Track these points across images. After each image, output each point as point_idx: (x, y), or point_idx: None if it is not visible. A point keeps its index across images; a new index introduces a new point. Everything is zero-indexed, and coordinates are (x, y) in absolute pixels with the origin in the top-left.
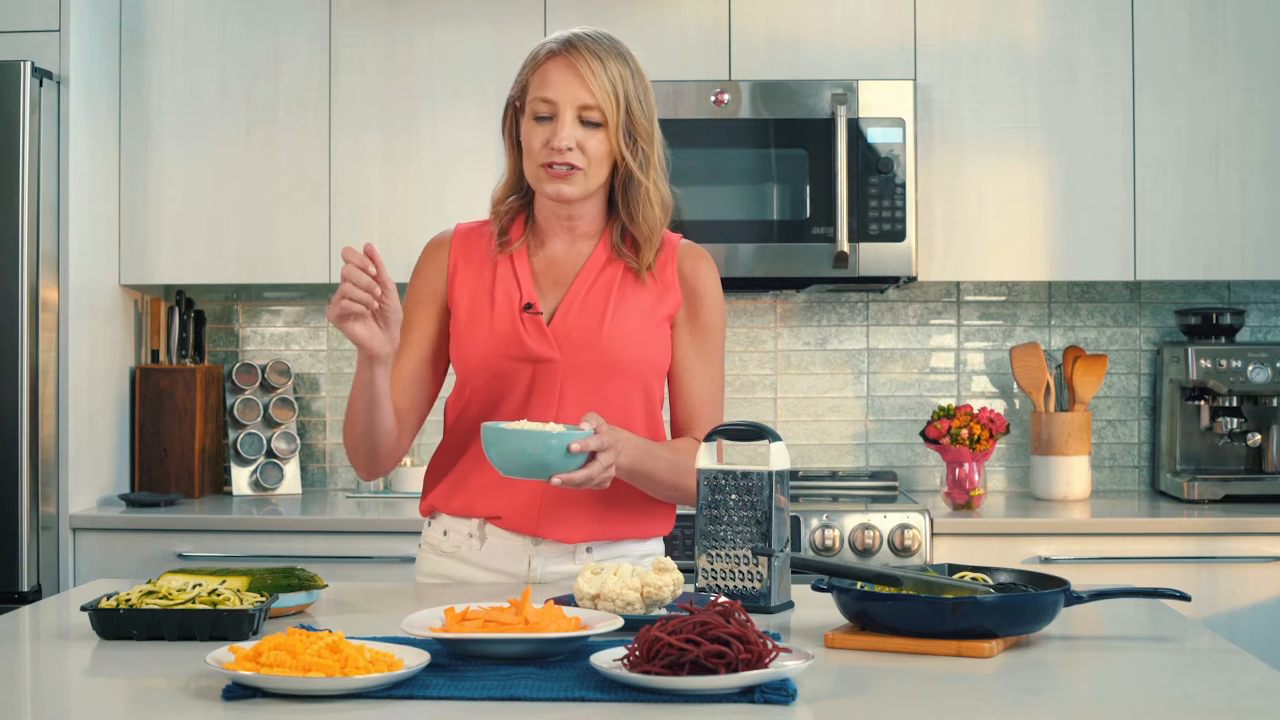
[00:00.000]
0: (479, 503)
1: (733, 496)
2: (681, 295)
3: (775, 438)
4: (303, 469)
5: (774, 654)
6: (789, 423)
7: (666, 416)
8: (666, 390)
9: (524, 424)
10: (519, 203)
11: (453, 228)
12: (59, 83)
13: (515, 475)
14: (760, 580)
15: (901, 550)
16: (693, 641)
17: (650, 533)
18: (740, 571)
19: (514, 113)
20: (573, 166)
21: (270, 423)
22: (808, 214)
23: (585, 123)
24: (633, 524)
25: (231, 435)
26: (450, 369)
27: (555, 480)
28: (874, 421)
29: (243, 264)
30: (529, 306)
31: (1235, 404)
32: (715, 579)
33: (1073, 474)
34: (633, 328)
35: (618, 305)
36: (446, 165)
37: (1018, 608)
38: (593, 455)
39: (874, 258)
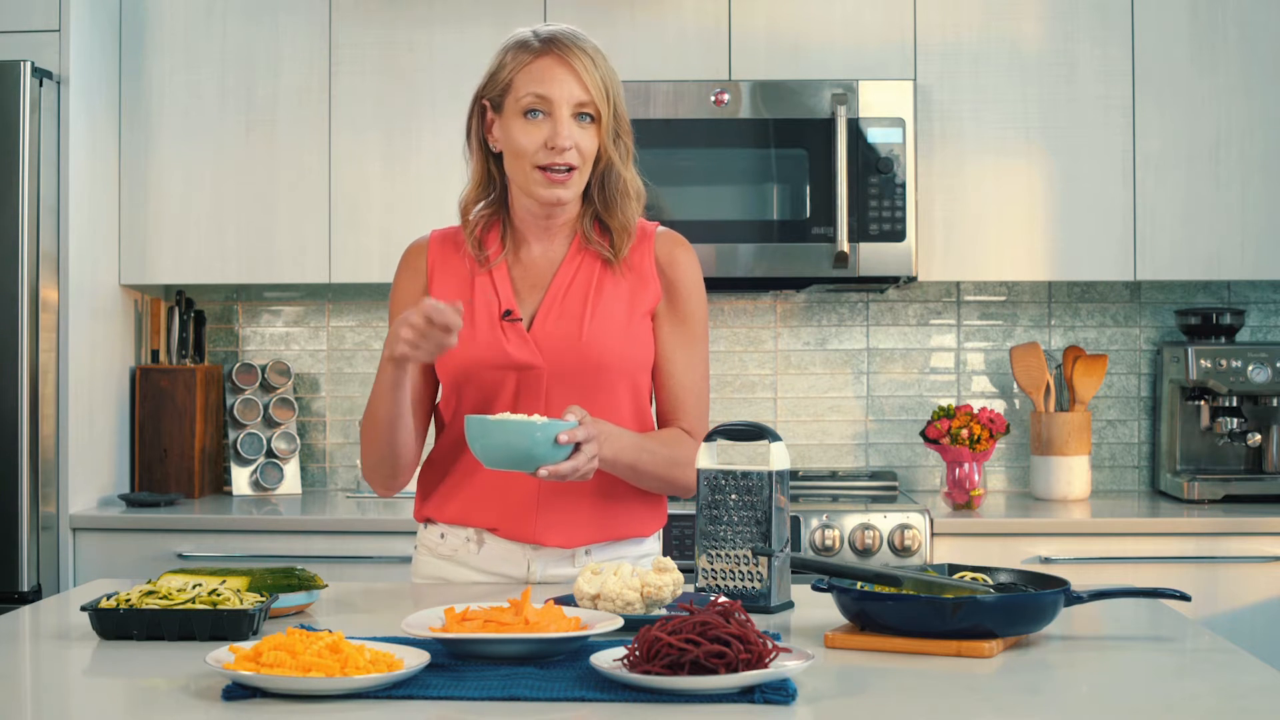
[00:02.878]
0: (475, 513)
1: (733, 496)
2: (660, 285)
3: (775, 438)
4: (303, 469)
5: (774, 654)
6: (789, 423)
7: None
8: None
9: (507, 416)
10: (489, 209)
11: (428, 235)
12: (59, 83)
13: (500, 467)
14: (760, 580)
15: (901, 550)
16: (693, 641)
17: (645, 531)
18: (740, 571)
19: (481, 112)
20: (570, 168)
21: (270, 423)
22: (808, 214)
23: (579, 119)
24: (628, 524)
25: (231, 435)
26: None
27: (542, 472)
28: (874, 421)
29: (243, 264)
30: (508, 314)
31: (1235, 404)
32: (715, 579)
33: (1073, 474)
34: (613, 326)
35: (596, 304)
36: (446, 165)
37: (1018, 608)
38: (577, 446)
39: (874, 258)
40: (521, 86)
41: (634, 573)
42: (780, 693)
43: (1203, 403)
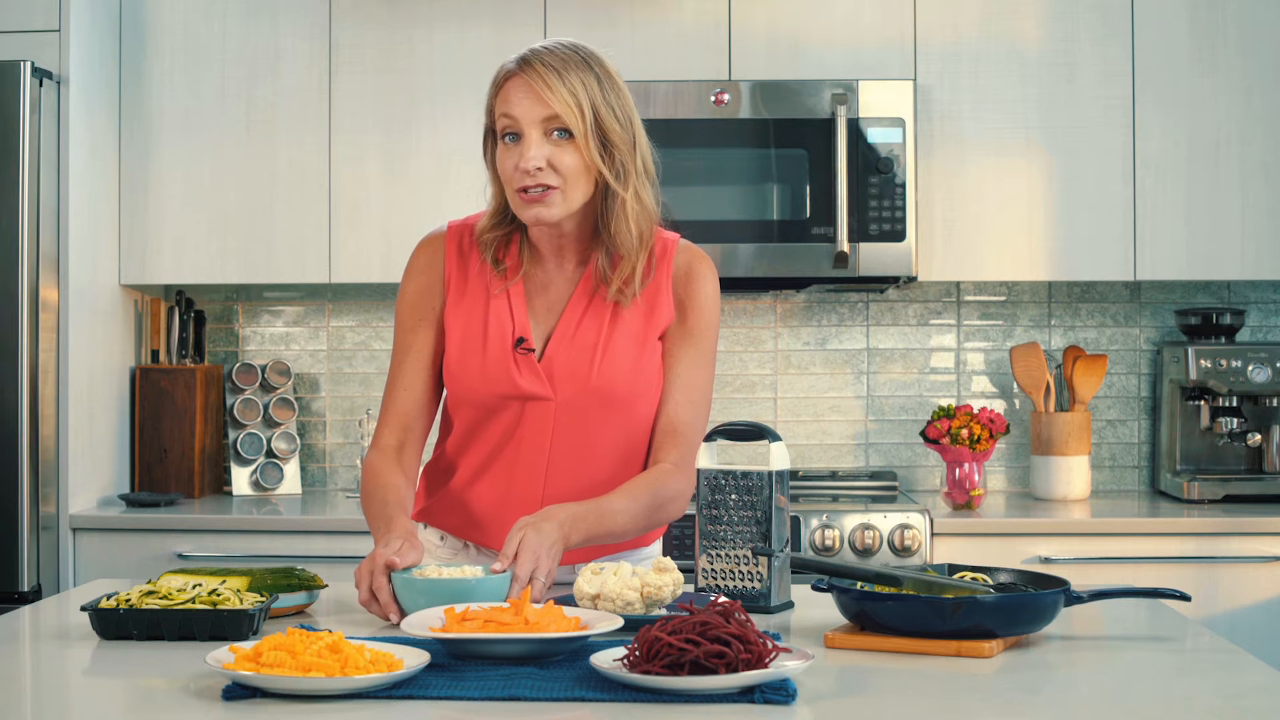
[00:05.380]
0: (475, 534)
1: (733, 496)
2: (673, 300)
3: (775, 438)
4: (303, 469)
5: (774, 654)
6: (789, 423)
7: None
8: None
9: (432, 571)
10: (506, 231)
11: (445, 228)
12: (59, 83)
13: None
14: (760, 580)
15: (901, 550)
16: (693, 641)
17: (646, 541)
18: (740, 571)
19: (492, 139)
20: (547, 187)
21: (270, 423)
22: (808, 214)
23: (554, 137)
24: (626, 542)
25: (231, 435)
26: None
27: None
28: (874, 421)
29: (243, 264)
30: (521, 342)
31: (1235, 404)
32: (715, 579)
33: (1073, 474)
34: (625, 360)
35: (610, 336)
36: (446, 165)
37: (1018, 608)
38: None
39: (874, 258)
40: (497, 110)
41: (634, 573)
42: (780, 693)
43: (1203, 403)
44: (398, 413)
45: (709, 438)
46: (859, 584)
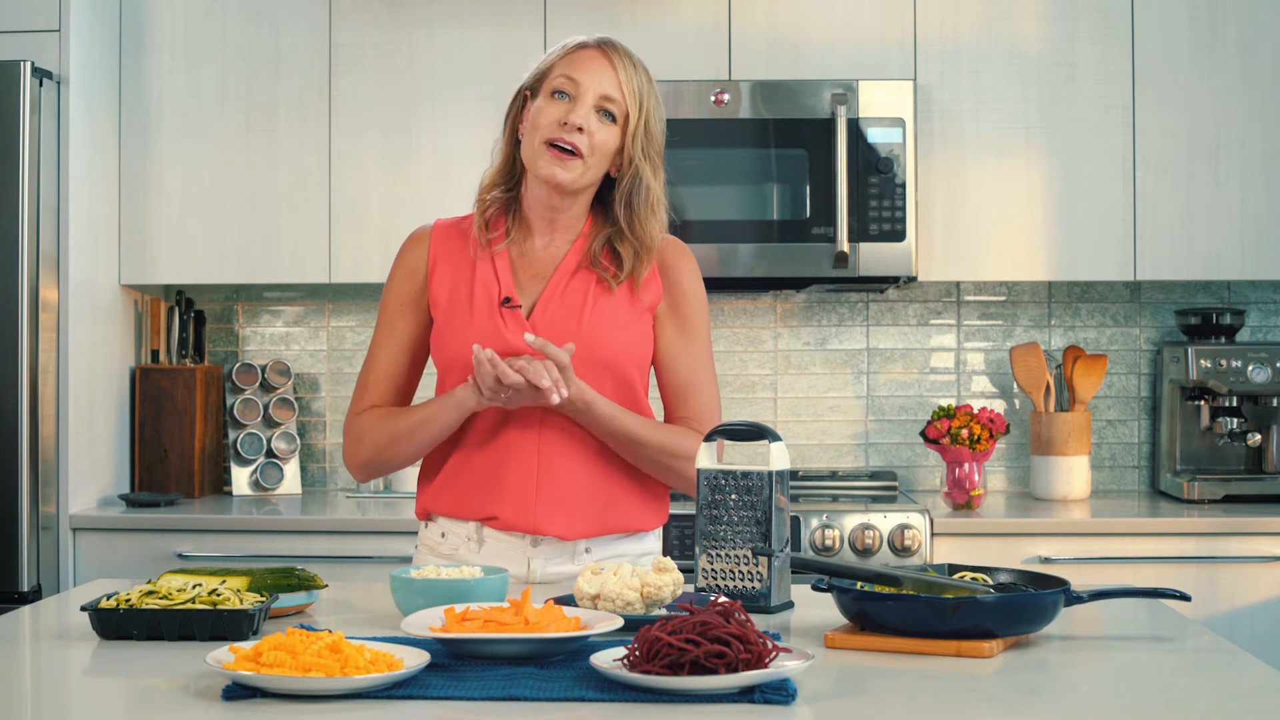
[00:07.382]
0: (473, 502)
1: (733, 496)
2: (662, 287)
3: (775, 438)
4: (303, 469)
5: (774, 654)
6: (789, 423)
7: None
8: (655, 382)
9: (431, 571)
10: (504, 195)
11: (432, 223)
12: (59, 83)
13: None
14: (760, 580)
15: (901, 550)
16: (693, 641)
17: (646, 525)
18: (740, 571)
19: (522, 101)
20: (575, 151)
21: (270, 423)
22: (808, 214)
23: (602, 115)
24: (629, 516)
25: (231, 435)
26: (429, 365)
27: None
28: (874, 421)
29: (243, 264)
30: (507, 300)
31: (1235, 404)
32: (715, 579)
33: (1073, 474)
34: (614, 320)
35: (598, 298)
36: (446, 165)
37: (1018, 608)
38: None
39: (874, 258)
40: (557, 70)
41: (634, 573)
42: (780, 693)
43: (1203, 403)
44: (372, 386)
45: (709, 438)
46: (859, 584)
